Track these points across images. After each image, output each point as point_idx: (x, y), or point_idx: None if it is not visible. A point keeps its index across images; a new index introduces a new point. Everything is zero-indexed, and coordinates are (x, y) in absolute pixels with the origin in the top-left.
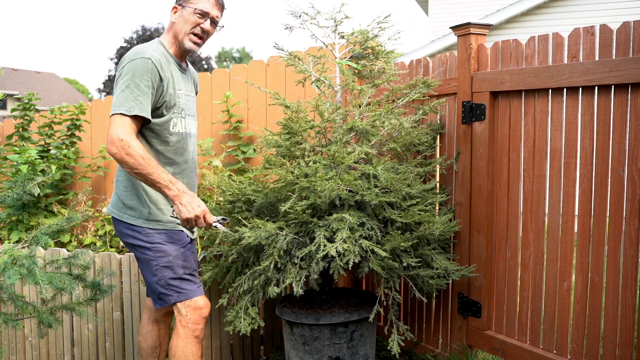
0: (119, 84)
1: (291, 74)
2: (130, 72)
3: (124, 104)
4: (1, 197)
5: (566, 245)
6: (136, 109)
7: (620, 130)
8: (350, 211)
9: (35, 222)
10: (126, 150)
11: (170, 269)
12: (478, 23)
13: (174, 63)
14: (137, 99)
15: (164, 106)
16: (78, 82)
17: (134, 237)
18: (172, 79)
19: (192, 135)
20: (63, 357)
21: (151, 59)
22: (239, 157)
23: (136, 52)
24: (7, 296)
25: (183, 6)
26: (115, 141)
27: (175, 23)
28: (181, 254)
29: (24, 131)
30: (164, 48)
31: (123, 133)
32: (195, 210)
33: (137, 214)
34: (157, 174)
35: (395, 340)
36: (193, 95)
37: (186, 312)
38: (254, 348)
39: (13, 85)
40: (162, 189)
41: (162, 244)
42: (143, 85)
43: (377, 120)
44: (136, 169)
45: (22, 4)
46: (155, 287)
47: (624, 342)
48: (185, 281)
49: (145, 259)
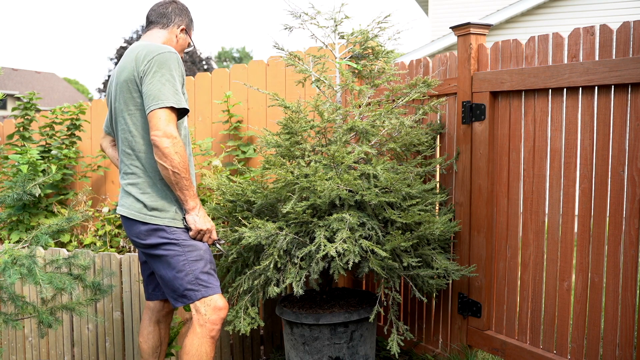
0: (158, 77)
1: (291, 74)
2: (165, 65)
3: (172, 97)
4: (2, 197)
5: (566, 245)
6: (183, 104)
7: (620, 130)
8: (350, 211)
9: (35, 222)
10: (176, 148)
11: (201, 262)
12: (478, 23)
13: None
14: (178, 93)
15: (185, 96)
16: (78, 82)
17: (158, 237)
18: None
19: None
20: (63, 357)
21: (176, 53)
22: (239, 157)
23: (159, 46)
24: (7, 296)
25: (187, 33)
26: (170, 136)
27: (178, 40)
28: (208, 249)
29: (25, 131)
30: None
31: (174, 130)
32: (207, 225)
33: (163, 214)
34: (191, 182)
35: (395, 340)
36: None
37: (205, 312)
38: (254, 348)
39: (13, 85)
40: (187, 196)
41: (188, 239)
42: (177, 79)
43: (377, 120)
44: (177, 170)
45: (22, 4)
46: (180, 284)
47: (624, 342)
48: (212, 276)
49: (170, 255)
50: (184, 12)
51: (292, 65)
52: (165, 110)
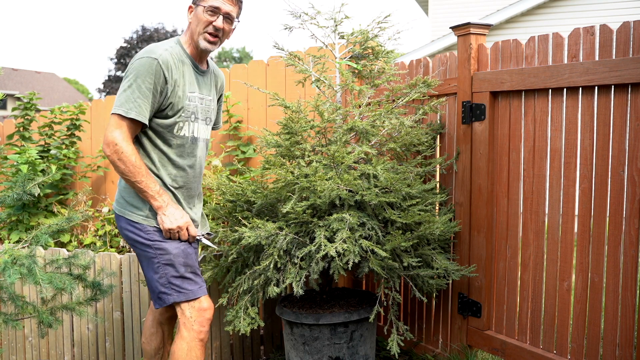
0: (123, 83)
1: (291, 74)
2: (135, 72)
3: (123, 104)
4: (1, 197)
5: (566, 245)
6: (133, 112)
7: (620, 130)
8: (350, 211)
9: (35, 222)
10: (118, 155)
11: (171, 266)
12: (478, 23)
13: (190, 64)
14: (136, 101)
15: (168, 108)
16: (78, 82)
17: (135, 234)
18: (184, 80)
19: (202, 140)
20: (63, 357)
21: (158, 59)
22: (238, 157)
23: (146, 50)
24: (7, 296)
25: (197, 4)
26: (110, 144)
27: (191, 23)
28: (182, 252)
29: (25, 131)
30: (181, 48)
31: (119, 137)
32: (178, 222)
33: (137, 211)
34: (146, 184)
35: (394, 341)
36: (210, 98)
37: (190, 314)
38: (254, 348)
39: (13, 85)
40: (149, 198)
41: (162, 241)
42: (144, 87)
43: (377, 120)
44: (126, 175)
45: (22, 4)
46: (156, 286)
47: (624, 342)
48: (187, 280)
49: (146, 256)
50: None
51: (292, 65)
52: (114, 117)
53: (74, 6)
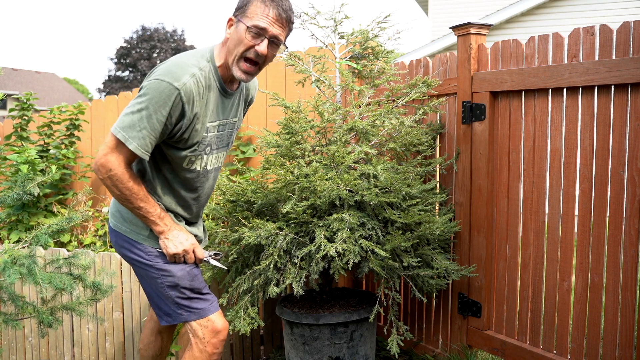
0: (135, 100)
1: (291, 74)
2: (149, 95)
3: (126, 129)
4: (1, 197)
5: (566, 245)
6: (133, 144)
7: (620, 130)
8: (350, 211)
9: (34, 222)
10: (112, 181)
11: (176, 289)
12: (478, 23)
13: (217, 88)
14: (142, 132)
15: (181, 142)
16: (78, 82)
17: (134, 253)
18: (206, 110)
19: (213, 170)
20: (63, 357)
21: (180, 90)
22: (238, 157)
23: (169, 71)
24: (7, 296)
25: (239, 19)
26: (103, 167)
27: (228, 39)
28: (187, 274)
29: (23, 131)
30: (212, 67)
31: (114, 162)
32: (184, 245)
33: (137, 229)
34: (145, 209)
35: (394, 341)
36: (236, 120)
37: (203, 335)
38: (254, 348)
39: (13, 85)
40: (149, 224)
41: (165, 263)
42: (155, 118)
43: (377, 120)
44: (121, 201)
45: (22, 4)
46: (161, 306)
47: (624, 342)
48: (195, 300)
49: (148, 276)
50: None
51: (292, 65)
52: (114, 138)
53: (74, 6)
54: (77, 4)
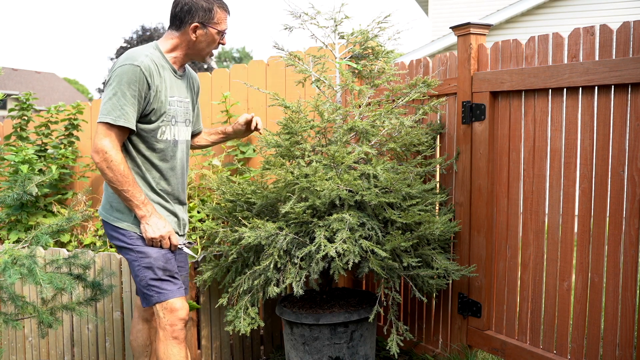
0: (107, 91)
1: (291, 74)
2: (117, 79)
3: (110, 112)
4: (1, 197)
5: (566, 245)
6: (122, 120)
7: (620, 130)
8: (350, 211)
9: (34, 221)
10: (108, 164)
11: (150, 269)
12: (478, 23)
13: (169, 69)
14: (123, 108)
15: (152, 113)
16: (78, 82)
17: (119, 240)
18: (165, 85)
19: (182, 142)
20: (63, 357)
21: (140, 66)
22: (238, 157)
23: (127, 57)
24: (7, 296)
25: (206, 26)
26: (100, 152)
27: (196, 42)
28: (162, 256)
29: (22, 131)
30: (160, 53)
31: (108, 145)
32: (161, 231)
33: (123, 217)
34: (132, 193)
35: (394, 341)
36: (188, 100)
37: (163, 315)
38: (254, 348)
39: (13, 85)
40: (133, 207)
41: (143, 245)
42: (129, 94)
43: (377, 120)
44: (113, 183)
45: (22, 4)
46: (139, 288)
47: (624, 342)
48: (165, 282)
49: (129, 260)
50: (194, 6)
51: (292, 65)
52: (101, 125)
53: (74, 6)
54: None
